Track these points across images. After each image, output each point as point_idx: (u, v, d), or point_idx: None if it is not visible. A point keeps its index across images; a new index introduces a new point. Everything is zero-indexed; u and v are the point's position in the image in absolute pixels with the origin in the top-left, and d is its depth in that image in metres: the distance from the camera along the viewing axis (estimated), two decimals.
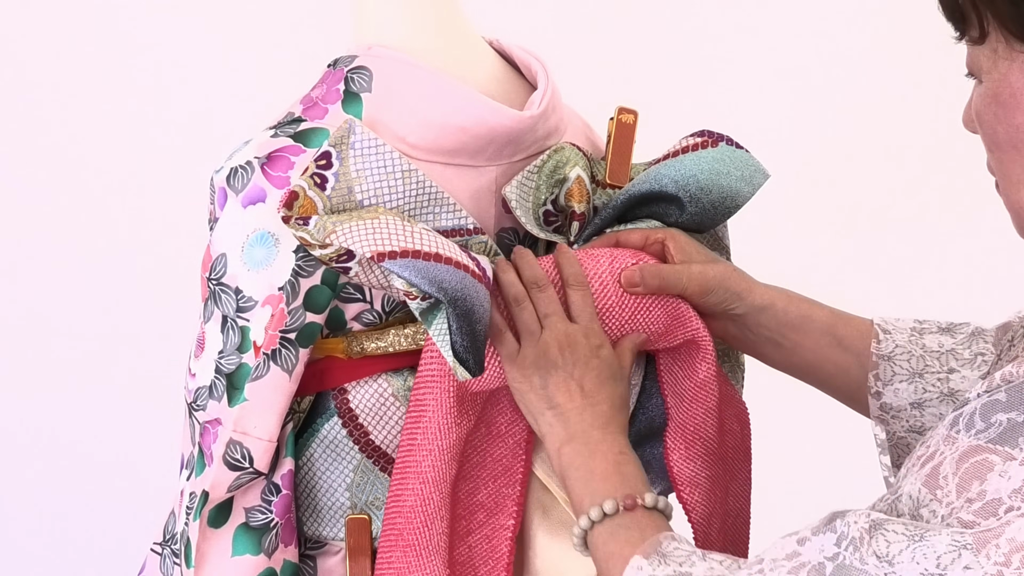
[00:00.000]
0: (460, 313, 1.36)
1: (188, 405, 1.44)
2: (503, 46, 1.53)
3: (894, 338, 1.55)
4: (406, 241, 1.36)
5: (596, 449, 1.38)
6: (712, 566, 1.26)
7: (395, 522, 1.43)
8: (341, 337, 1.44)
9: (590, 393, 1.41)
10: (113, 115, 2.83)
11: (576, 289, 1.45)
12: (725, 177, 1.51)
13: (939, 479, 1.20)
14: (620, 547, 1.31)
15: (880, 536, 1.17)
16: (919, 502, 1.21)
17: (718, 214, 1.52)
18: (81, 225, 2.84)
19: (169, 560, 1.48)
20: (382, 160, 1.40)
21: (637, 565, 1.28)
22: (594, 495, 1.35)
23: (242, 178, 1.41)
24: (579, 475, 1.37)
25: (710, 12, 2.94)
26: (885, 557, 1.16)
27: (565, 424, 1.40)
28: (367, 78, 1.44)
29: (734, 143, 1.54)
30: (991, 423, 1.20)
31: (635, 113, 1.55)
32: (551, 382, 1.41)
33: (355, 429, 1.45)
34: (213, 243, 1.42)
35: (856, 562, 1.17)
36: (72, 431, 2.88)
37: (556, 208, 1.49)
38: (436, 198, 1.42)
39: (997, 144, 1.25)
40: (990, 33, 1.23)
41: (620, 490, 1.35)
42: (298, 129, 1.42)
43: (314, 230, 1.35)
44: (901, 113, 2.96)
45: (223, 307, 1.41)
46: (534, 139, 1.47)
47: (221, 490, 1.41)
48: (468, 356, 1.37)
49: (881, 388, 1.55)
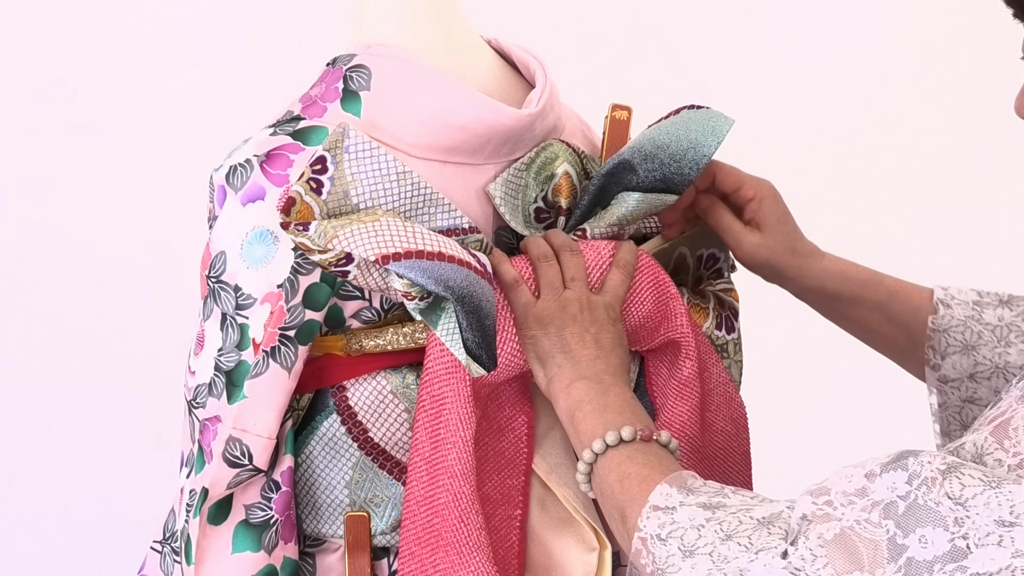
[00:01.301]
0: (468, 310, 1.36)
1: (188, 403, 1.45)
2: (501, 45, 1.53)
3: (953, 312, 1.58)
4: (408, 242, 1.36)
5: (609, 388, 1.38)
6: (744, 500, 1.25)
7: (431, 523, 1.42)
8: (340, 335, 1.44)
9: (605, 347, 1.41)
10: (111, 112, 2.83)
11: (619, 269, 1.46)
12: (683, 132, 1.50)
13: (1009, 430, 1.20)
14: (639, 468, 1.30)
15: (955, 478, 1.16)
16: (983, 450, 1.20)
17: (684, 167, 1.49)
18: (80, 223, 2.84)
19: (169, 558, 1.49)
20: (377, 163, 1.41)
21: (664, 492, 1.26)
22: (608, 424, 1.34)
23: (241, 176, 1.41)
24: (591, 408, 1.37)
25: (709, 10, 2.94)
26: (959, 499, 1.16)
27: (576, 366, 1.40)
28: (366, 76, 1.44)
29: (695, 106, 1.54)
30: None
31: (629, 110, 1.55)
32: (567, 332, 1.42)
33: (354, 426, 1.46)
34: (212, 241, 1.43)
35: (930, 502, 1.16)
36: (70, 428, 2.88)
37: (547, 204, 1.50)
38: (431, 199, 1.43)
39: None
40: None
41: (637, 423, 1.34)
42: (297, 127, 1.43)
43: (314, 235, 1.36)
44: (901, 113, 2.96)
45: (222, 305, 1.41)
46: (532, 137, 1.48)
47: (221, 487, 1.42)
48: (481, 352, 1.37)
49: (939, 360, 1.58)
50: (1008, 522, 1.14)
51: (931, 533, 1.15)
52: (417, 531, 1.44)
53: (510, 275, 1.44)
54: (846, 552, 1.17)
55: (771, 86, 2.95)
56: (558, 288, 1.44)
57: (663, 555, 1.23)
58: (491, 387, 1.46)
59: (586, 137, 1.57)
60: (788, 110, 2.95)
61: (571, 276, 1.45)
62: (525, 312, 1.43)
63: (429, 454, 1.43)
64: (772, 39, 2.94)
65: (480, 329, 1.37)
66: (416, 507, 1.44)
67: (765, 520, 1.22)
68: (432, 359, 1.43)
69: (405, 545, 1.44)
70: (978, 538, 1.14)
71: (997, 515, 1.14)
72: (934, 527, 1.15)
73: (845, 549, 1.17)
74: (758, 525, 1.21)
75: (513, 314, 1.44)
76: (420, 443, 1.44)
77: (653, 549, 1.24)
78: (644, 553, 1.25)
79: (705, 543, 1.22)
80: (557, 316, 1.42)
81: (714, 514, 1.23)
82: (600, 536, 1.46)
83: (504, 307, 1.44)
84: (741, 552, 1.20)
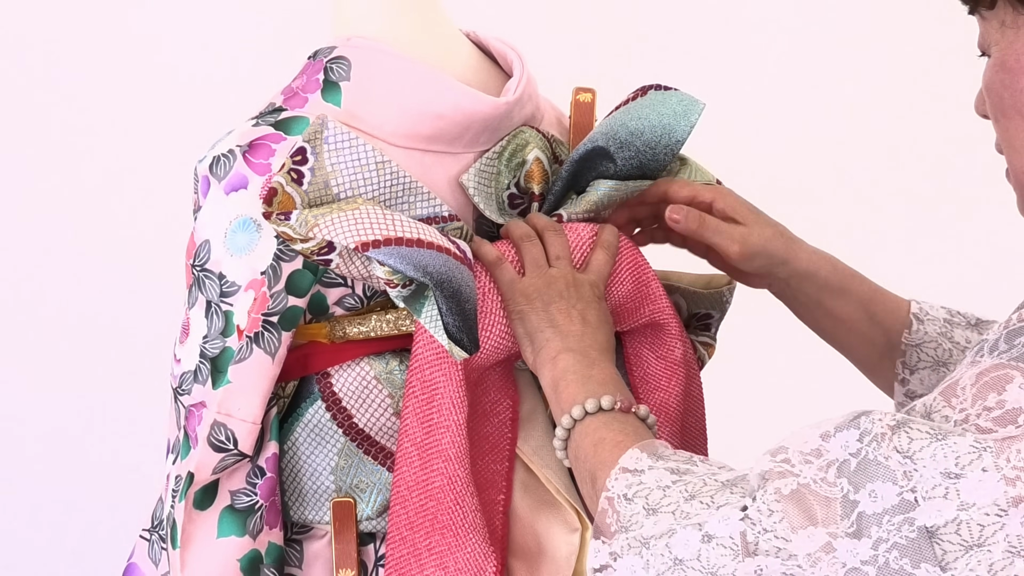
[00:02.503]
0: (448, 294, 1.38)
1: (174, 390, 1.46)
2: (480, 37, 1.55)
3: (926, 328, 1.59)
4: (387, 229, 1.38)
5: (595, 362, 1.40)
6: (711, 468, 1.27)
7: (425, 507, 1.44)
8: (324, 322, 1.46)
9: (591, 324, 1.43)
10: (97, 106, 2.84)
11: (602, 249, 1.48)
12: (655, 117, 1.51)
13: (957, 390, 1.22)
14: (613, 434, 1.32)
15: (903, 433, 1.18)
16: (931, 408, 1.22)
17: (658, 153, 1.52)
18: (69, 218, 2.84)
19: (157, 546, 1.50)
20: (356, 153, 1.43)
21: (635, 456, 1.28)
22: (590, 393, 1.36)
23: (224, 166, 1.44)
24: (575, 378, 1.39)
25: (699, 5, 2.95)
26: (906, 453, 1.17)
27: (564, 339, 1.42)
28: (346, 67, 1.46)
29: (663, 87, 1.56)
30: (1014, 344, 1.22)
31: (593, 92, 1.57)
32: (554, 307, 1.43)
33: (339, 413, 1.47)
34: (197, 230, 1.45)
35: (880, 457, 1.18)
36: (58, 420, 2.88)
37: (520, 191, 1.52)
38: (411, 188, 1.45)
39: (1003, 111, 1.29)
40: (998, 2, 1.27)
41: (618, 394, 1.36)
42: (279, 118, 1.45)
43: (296, 224, 1.38)
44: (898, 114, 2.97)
45: (207, 292, 1.43)
46: (510, 126, 1.50)
47: (206, 472, 1.43)
48: (462, 336, 1.39)
49: (908, 376, 1.59)
50: (954, 474, 1.16)
51: (881, 487, 1.17)
52: (409, 515, 1.45)
53: (492, 254, 1.46)
54: (801, 508, 1.19)
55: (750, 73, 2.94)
56: (543, 266, 1.45)
57: (627, 513, 1.25)
58: (479, 371, 1.47)
59: (563, 126, 1.59)
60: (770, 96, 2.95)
61: (555, 255, 1.46)
62: (511, 288, 1.45)
63: (421, 439, 1.45)
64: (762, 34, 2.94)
65: (461, 313, 1.39)
66: (407, 492, 1.45)
67: (729, 482, 1.24)
68: (421, 345, 1.45)
69: (395, 529, 1.45)
70: (925, 491, 1.16)
71: (943, 467, 1.16)
72: (883, 481, 1.17)
73: (800, 505, 1.19)
74: (721, 487, 1.24)
75: (499, 292, 1.46)
76: (410, 428, 1.45)
77: (618, 508, 1.26)
78: (609, 512, 1.27)
79: (669, 502, 1.24)
80: (544, 291, 1.44)
81: (681, 477, 1.25)
82: (582, 517, 1.47)
83: (490, 290, 1.46)
84: (702, 509, 1.22)
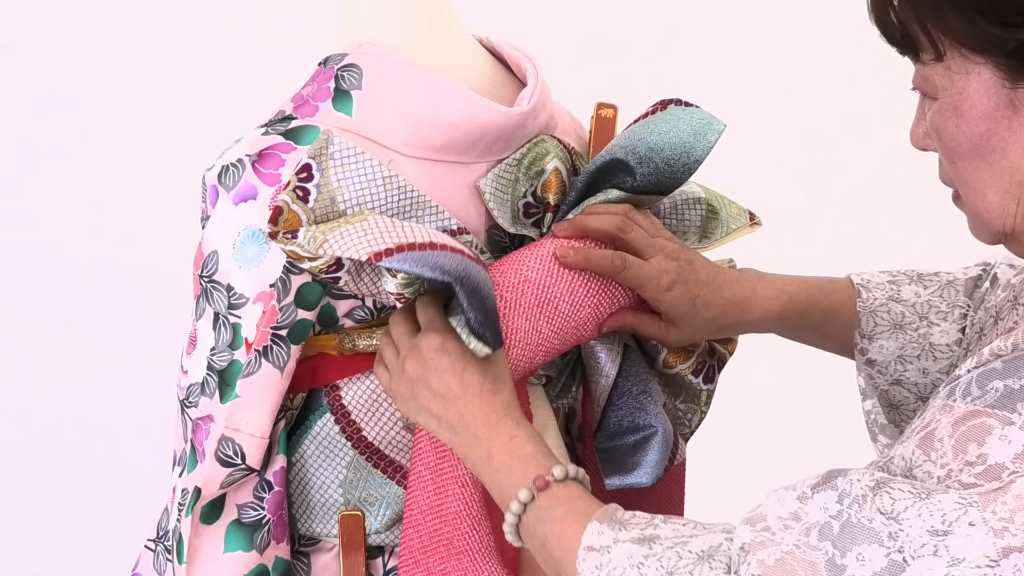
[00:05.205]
0: (469, 290, 1.35)
1: (180, 402, 1.45)
2: (493, 44, 1.53)
3: (873, 293, 1.58)
4: (398, 236, 1.36)
5: (490, 449, 1.35)
6: (677, 529, 1.24)
7: (439, 531, 1.42)
8: (333, 334, 1.44)
9: (457, 395, 1.37)
10: (106, 112, 2.84)
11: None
12: (675, 134, 1.49)
13: (934, 441, 1.20)
14: (549, 527, 1.29)
15: (884, 494, 1.17)
16: (912, 463, 1.21)
17: (675, 172, 1.49)
18: (75, 223, 2.85)
19: (162, 556, 1.49)
20: (362, 168, 1.41)
21: (596, 530, 1.25)
22: (507, 493, 1.33)
23: (233, 176, 1.42)
24: (489, 481, 1.35)
25: (702, 8, 2.94)
26: (890, 514, 1.16)
27: (453, 433, 1.37)
28: (357, 76, 1.44)
29: (683, 103, 1.53)
30: (987, 390, 1.20)
31: (615, 108, 1.55)
32: (424, 400, 1.39)
33: (348, 425, 1.46)
34: (205, 241, 1.43)
35: (863, 519, 1.17)
36: (64, 427, 2.88)
37: (536, 200, 1.50)
38: (418, 202, 1.43)
39: (960, 155, 1.27)
40: (946, 52, 1.25)
41: (526, 476, 1.32)
42: (289, 127, 1.43)
43: (304, 242, 1.36)
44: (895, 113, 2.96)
45: (215, 304, 1.42)
46: (524, 135, 1.48)
47: (213, 487, 1.42)
48: (484, 331, 1.36)
49: (867, 345, 1.57)
50: (941, 531, 1.15)
51: (867, 550, 1.16)
52: (423, 539, 1.43)
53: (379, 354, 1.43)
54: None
55: (762, 82, 2.94)
56: (392, 359, 1.41)
57: None
58: None
59: (578, 135, 1.57)
60: (780, 106, 2.95)
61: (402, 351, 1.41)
62: (388, 394, 1.42)
63: (434, 463, 1.42)
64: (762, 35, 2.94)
65: (482, 309, 1.36)
66: (420, 516, 1.43)
67: (705, 554, 1.21)
68: None
69: (408, 553, 1.43)
70: (913, 550, 1.15)
71: (929, 525, 1.15)
72: (869, 543, 1.16)
73: (786, 574, 1.17)
74: (698, 560, 1.21)
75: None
76: (423, 452, 1.43)
77: None
78: None
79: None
80: (410, 387, 1.39)
81: (651, 549, 1.22)
82: None
83: (503, 305, 1.44)
84: None
